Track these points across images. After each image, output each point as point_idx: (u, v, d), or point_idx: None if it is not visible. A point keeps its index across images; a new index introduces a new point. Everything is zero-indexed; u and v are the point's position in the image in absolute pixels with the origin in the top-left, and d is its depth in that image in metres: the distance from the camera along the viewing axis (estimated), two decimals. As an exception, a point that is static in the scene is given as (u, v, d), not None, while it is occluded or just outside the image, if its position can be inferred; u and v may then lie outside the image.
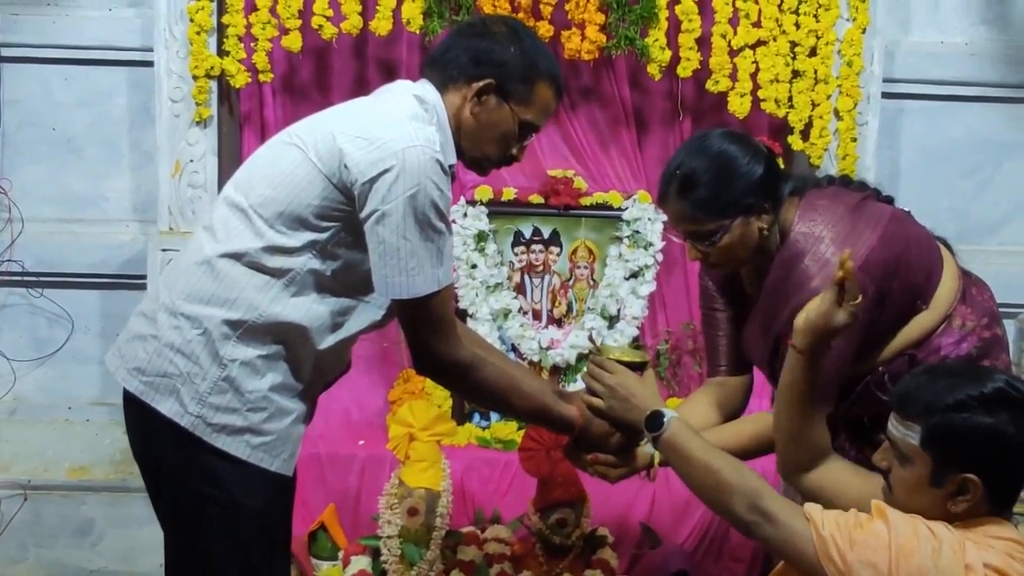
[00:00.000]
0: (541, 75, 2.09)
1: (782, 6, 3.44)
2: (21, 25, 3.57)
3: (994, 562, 1.68)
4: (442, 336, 2.01)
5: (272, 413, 2.00)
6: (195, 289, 1.98)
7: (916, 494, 1.77)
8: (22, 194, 3.62)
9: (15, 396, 3.65)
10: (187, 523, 2.07)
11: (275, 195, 1.96)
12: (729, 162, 2.21)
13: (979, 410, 1.73)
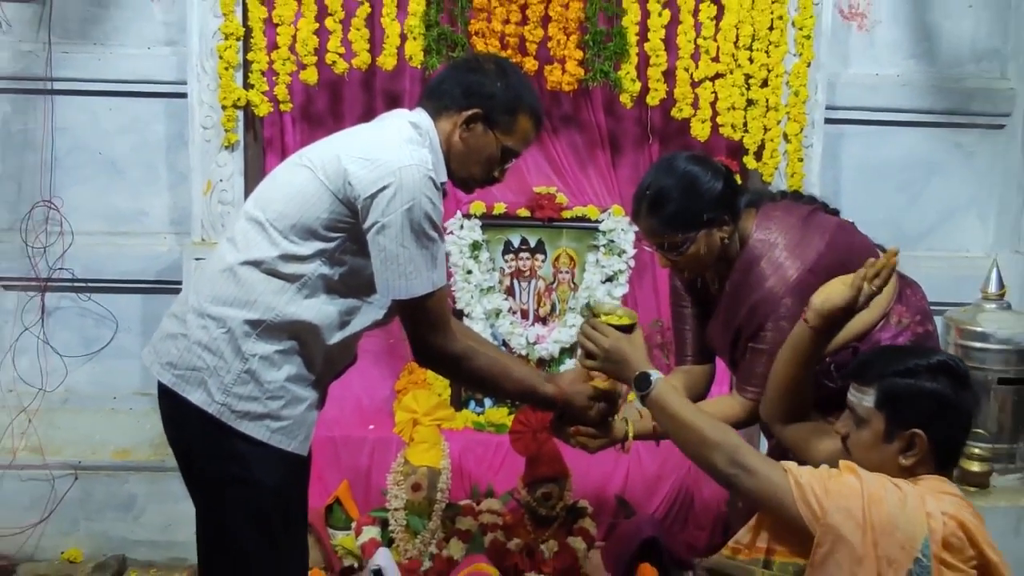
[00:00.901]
0: (523, 108, 2.09)
1: (737, 43, 3.45)
2: (70, 61, 3.56)
3: (949, 510, 1.70)
4: (438, 331, 2.01)
5: (288, 401, 2.00)
6: (220, 293, 1.99)
7: (872, 451, 1.79)
8: (71, 210, 3.61)
9: (66, 388, 3.64)
10: (215, 499, 2.08)
11: (288, 210, 1.97)
12: (693, 181, 2.22)
13: (925, 376, 1.77)
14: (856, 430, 1.82)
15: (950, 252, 3.75)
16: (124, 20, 3.61)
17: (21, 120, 3.60)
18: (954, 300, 3.33)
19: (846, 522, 1.65)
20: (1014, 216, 3.72)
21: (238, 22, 3.39)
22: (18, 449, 3.43)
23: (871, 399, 1.78)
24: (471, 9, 3.43)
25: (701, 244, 2.22)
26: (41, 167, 3.59)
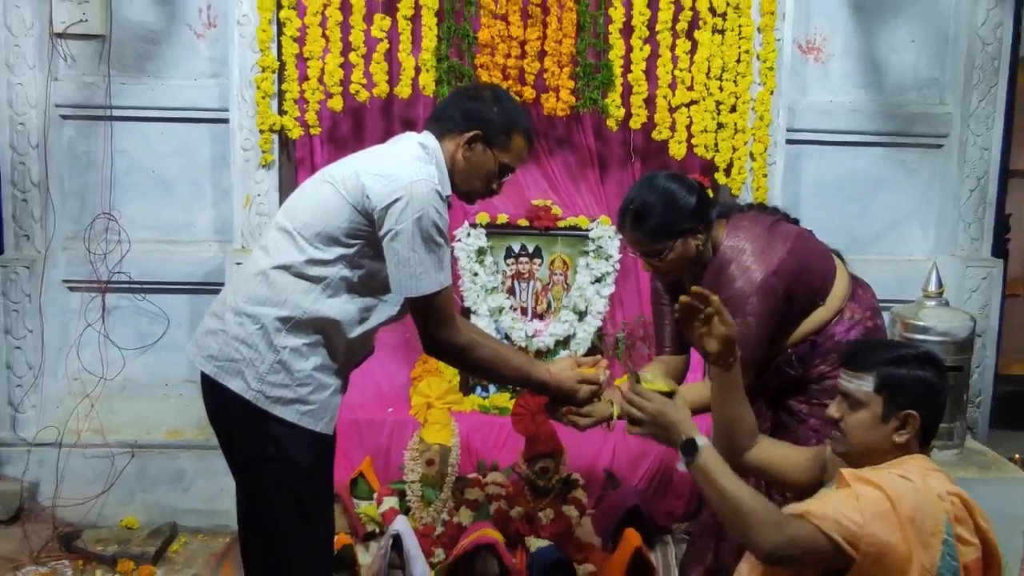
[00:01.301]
0: (517, 129, 2.10)
1: (709, 74, 3.45)
2: (128, 92, 3.56)
3: (951, 488, 1.71)
4: (445, 325, 2.01)
5: (315, 387, 2.00)
6: (254, 294, 1.99)
7: (870, 431, 1.78)
8: (129, 222, 3.62)
9: (124, 376, 3.64)
10: (253, 474, 2.08)
11: (313, 220, 1.98)
12: (671, 197, 2.23)
13: (915, 364, 1.78)
14: (852, 412, 1.80)
15: (896, 256, 3.75)
16: (174, 56, 3.61)
17: (84, 143, 3.60)
18: (899, 298, 3.35)
19: (884, 527, 1.60)
20: (951, 225, 3.71)
21: (273, 57, 3.39)
22: (82, 430, 3.44)
23: (870, 384, 1.77)
24: (477, 45, 3.44)
25: (679, 251, 2.23)
26: (102, 184, 3.59)
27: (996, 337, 3.69)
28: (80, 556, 3.15)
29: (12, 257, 3.50)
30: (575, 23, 3.43)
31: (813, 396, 2.29)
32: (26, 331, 3.47)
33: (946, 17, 3.65)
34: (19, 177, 3.49)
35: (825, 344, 2.27)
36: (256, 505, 2.10)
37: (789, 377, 2.29)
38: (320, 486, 2.13)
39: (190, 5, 3.56)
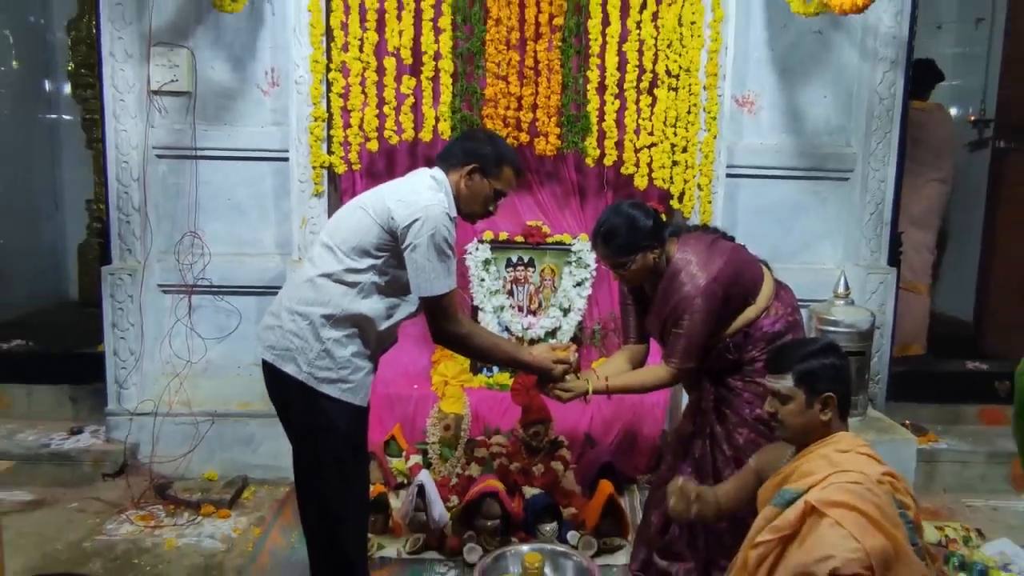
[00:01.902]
0: (507, 162, 2.12)
1: (666, 123, 3.46)
2: (209, 137, 3.58)
3: (882, 470, 1.70)
4: (450, 320, 2.03)
5: (353, 369, 2.02)
6: (303, 296, 2.01)
7: (800, 416, 1.79)
8: (209, 238, 3.63)
9: (206, 360, 3.65)
10: (306, 440, 2.10)
11: (349, 237, 2.00)
12: (632, 221, 2.26)
13: (821, 355, 1.80)
14: (783, 406, 1.81)
15: (812, 266, 3.74)
16: (245, 108, 3.62)
17: (174, 177, 3.61)
18: (815, 298, 3.36)
19: (873, 536, 1.56)
20: (855, 241, 3.71)
21: (323, 109, 3.41)
22: (172, 403, 3.44)
23: (791, 381, 1.78)
24: (483, 100, 3.46)
25: (640, 263, 2.25)
26: (188, 209, 3.60)
27: (891, 329, 3.70)
28: (171, 502, 3.17)
29: (118, 267, 3.50)
30: (560, 83, 3.45)
31: (746, 375, 2.30)
32: (129, 325, 3.48)
33: (851, 78, 3.66)
34: (123, 204, 3.51)
35: (755, 334, 2.29)
36: (309, 464, 2.11)
37: (728, 360, 2.31)
38: (357, 448, 2.15)
39: (258, 69, 3.58)
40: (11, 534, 2.82)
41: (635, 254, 2.23)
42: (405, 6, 3.36)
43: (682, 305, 2.20)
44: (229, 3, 3.18)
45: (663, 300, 2.27)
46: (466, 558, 2.72)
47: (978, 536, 2.94)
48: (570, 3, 3.39)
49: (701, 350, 2.24)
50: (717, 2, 3.36)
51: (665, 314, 2.26)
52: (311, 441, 2.08)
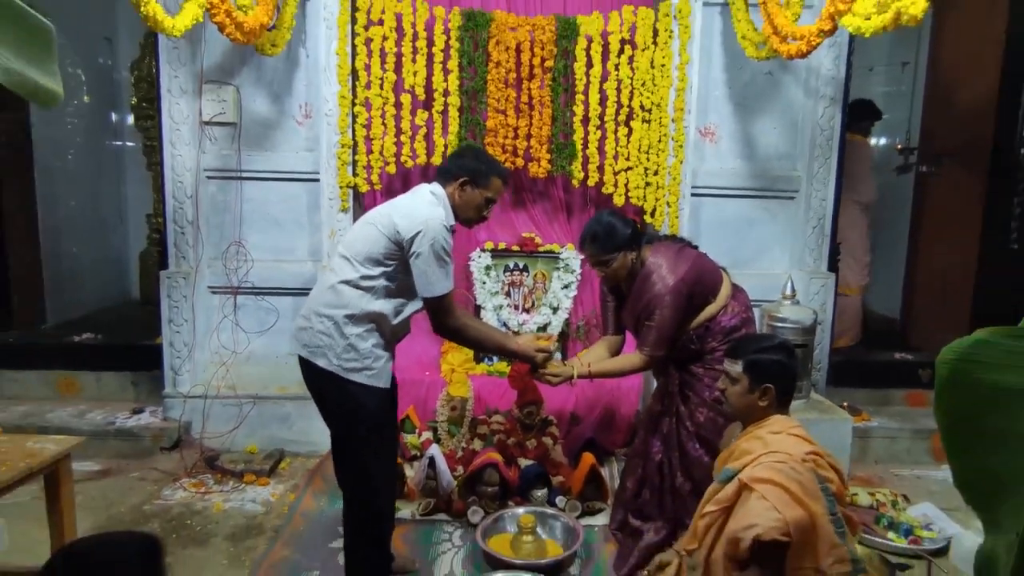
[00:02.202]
0: (494, 173, 2.12)
1: (640, 150, 3.47)
2: (252, 161, 3.57)
3: (807, 448, 1.67)
4: (448, 315, 2.04)
5: (375, 359, 2.03)
6: (328, 301, 2.02)
7: (742, 398, 1.79)
8: (252, 247, 3.62)
9: (249, 351, 3.63)
10: (341, 422, 2.11)
11: (363, 249, 2.01)
12: (612, 228, 2.26)
13: (772, 351, 1.79)
14: (731, 386, 1.81)
15: (764, 271, 3.74)
16: (283, 136, 3.62)
17: (222, 195, 3.61)
18: (766, 299, 3.35)
19: (793, 508, 1.56)
20: (800, 250, 3.72)
21: (349, 137, 3.41)
22: (220, 387, 3.44)
23: (740, 367, 1.79)
24: (485, 130, 3.46)
25: (619, 262, 2.26)
26: (234, 222, 3.60)
27: (830, 325, 3.72)
28: (219, 471, 3.17)
29: (174, 271, 3.50)
30: (551, 116, 3.46)
31: (707, 363, 2.32)
32: (183, 321, 3.48)
33: (796, 112, 3.67)
34: (179, 218, 3.51)
35: (715, 328, 2.30)
36: (346, 441, 2.11)
37: (691, 350, 2.32)
38: (383, 425, 2.14)
39: (293, 103, 3.58)
40: (82, 499, 2.81)
41: (615, 253, 2.25)
42: (419, 50, 3.37)
43: (654, 302, 2.21)
44: (270, 48, 3.18)
45: (637, 297, 2.28)
46: (470, 519, 2.72)
47: (904, 500, 2.95)
48: (559, 48, 3.40)
49: (670, 340, 2.25)
50: (683, 48, 3.37)
51: (639, 309, 2.27)
52: (346, 422, 2.08)
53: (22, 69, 0.86)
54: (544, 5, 3.56)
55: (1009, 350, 0.91)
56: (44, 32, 0.92)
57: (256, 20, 2.73)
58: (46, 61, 0.91)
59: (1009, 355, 0.91)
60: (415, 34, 3.36)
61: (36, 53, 0.90)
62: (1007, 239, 3.79)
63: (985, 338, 0.93)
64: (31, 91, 0.88)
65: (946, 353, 0.94)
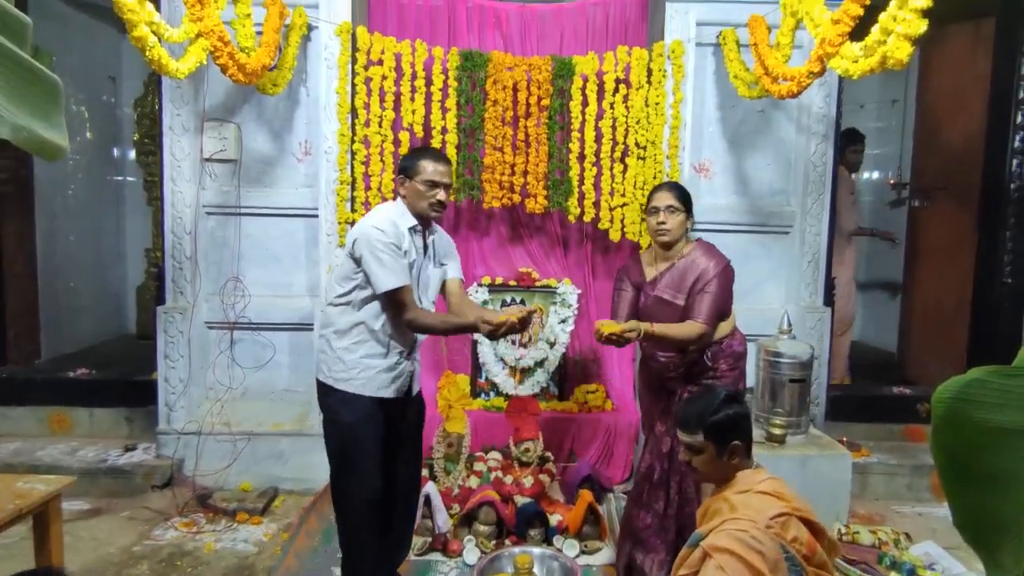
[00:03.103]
0: (419, 157, 2.20)
1: (635, 186, 3.51)
2: (251, 197, 3.60)
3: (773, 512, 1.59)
4: (400, 308, 2.11)
5: (363, 368, 2.15)
6: (321, 323, 2.26)
7: (711, 464, 1.73)
8: (250, 282, 3.62)
9: (244, 387, 3.62)
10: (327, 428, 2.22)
11: (338, 271, 2.20)
12: (687, 193, 2.40)
13: (724, 407, 1.73)
14: (697, 456, 1.74)
15: (760, 306, 3.75)
16: (282, 173, 3.65)
17: (222, 231, 3.62)
18: (763, 333, 3.33)
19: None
20: (796, 285, 3.73)
21: (348, 174, 3.44)
22: (214, 423, 3.41)
23: (700, 437, 1.72)
24: (483, 166, 3.50)
25: (682, 220, 2.36)
26: (232, 258, 3.61)
27: (827, 359, 3.71)
28: (211, 510, 3.12)
29: (171, 306, 3.50)
30: (547, 153, 3.50)
31: (710, 378, 2.37)
32: (179, 356, 3.46)
33: (789, 149, 3.72)
34: (177, 253, 3.52)
35: (726, 349, 2.37)
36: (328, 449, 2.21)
37: (704, 365, 2.36)
38: (363, 439, 2.15)
39: (293, 141, 3.62)
40: (71, 539, 2.76)
41: (686, 209, 2.36)
42: (418, 89, 3.43)
43: (706, 276, 2.32)
44: (271, 87, 3.23)
45: (683, 273, 2.34)
46: (466, 559, 2.67)
47: (906, 539, 2.90)
48: (555, 87, 3.46)
49: (718, 317, 2.31)
50: (677, 87, 3.44)
51: (690, 282, 2.33)
52: (326, 432, 2.19)
53: (29, 124, 0.87)
54: (540, 46, 3.64)
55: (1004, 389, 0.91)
56: (52, 86, 0.93)
57: (258, 61, 2.79)
58: (53, 115, 0.92)
59: (1004, 394, 0.91)
60: (414, 73, 3.43)
61: (43, 108, 0.90)
62: (1000, 272, 3.81)
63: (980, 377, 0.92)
64: (37, 147, 0.89)
65: (941, 392, 0.94)
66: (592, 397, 3.59)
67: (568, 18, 3.66)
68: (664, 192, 2.38)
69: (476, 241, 3.75)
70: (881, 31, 1.88)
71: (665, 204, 2.35)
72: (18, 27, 0.91)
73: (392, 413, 2.22)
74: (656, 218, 2.35)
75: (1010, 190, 3.77)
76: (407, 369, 2.23)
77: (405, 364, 2.21)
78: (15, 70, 0.87)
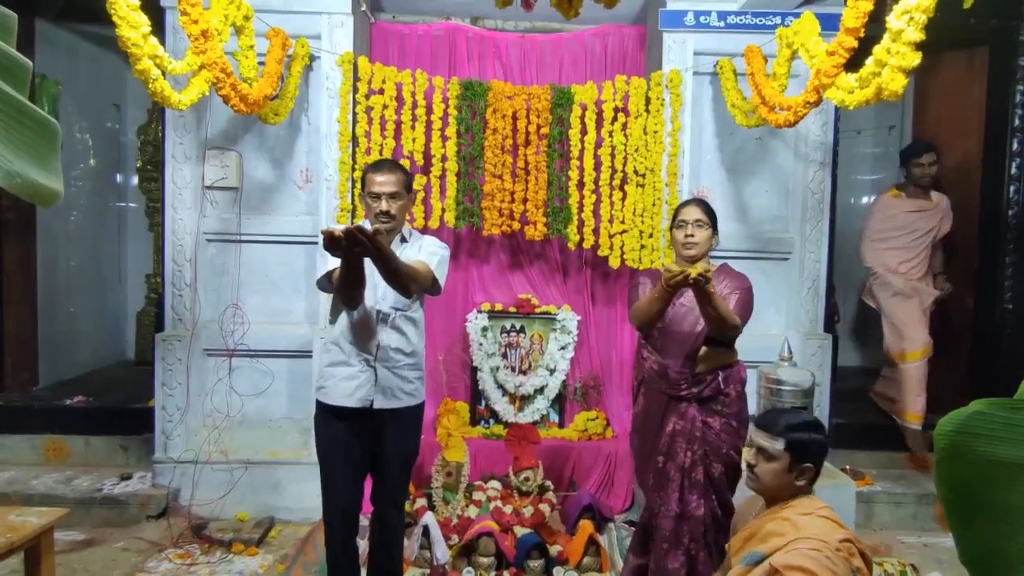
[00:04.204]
0: (367, 171, 2.25)
1: (634, 213, 3.52)
2: (251, 224, 3.61)
3: (840, 536, 1.60)
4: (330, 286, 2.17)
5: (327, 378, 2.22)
6: None
7: (778, 477, 1.71)
8: (249, 309, 3.62)
9: (242, 414, 3.59)
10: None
11: None
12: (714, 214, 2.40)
13: (812, 430, 1.73)
14: (765, 463, 1.72)
15: (760, 332, 3.70)
16: (282, 200, 3.67)
17: (221, 258, 3.63)
18: (763, 360, 3.30)
19: None
20: (796, 311, 3.73)
21: (348, 202, 3.45)
22: (211, 452, 3.38)
23: (781, 444, 1.70)
24: (482, 194, 3.52)
25: (708, 236, 2.38)
26: (232, 285, 3.60)
27: (828, 386, 3.68)
28: (206, 541, 3.08)
29: (170, 334, 3.49)
30: (546, 180, 3.52)
31: (721, 402, 2.35)
32: (177, 384, 3.44)
33: (787, 176, 3.74)
34: (177, 280, 3.52)
35: (735, 376, 2.38)
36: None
37: (718, 387, 2.33)
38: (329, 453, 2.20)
39: (294, 168, 3.64)
40: (63, 571, 2.72)
41: (712, 226, 2.38)
42: (418, 118, 3.47)
43: (731, 285, 2.37)
44: (272, 116, 3.27)
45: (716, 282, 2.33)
46: (465, 592, 2.63)
47: (913, 571, 2.86)
48: (554, 116, 3.50)
49: (744, 322, 2.32)
50: (675, 115, 3.47)
51: (720, 292, 2.32)
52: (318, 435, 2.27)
53: (24, 171, 0.85)
54: (540, 75, 3.69)
55: (1007, 422, 0.90)
56: (49, 131, 0.91)
57: (260, 92, 2.82)
58: (49, 160, 0.90)
59: (1007, 427, 0.90)
60: (414, 102, 3.47)
61: (39, 152, 0.88)
62: (1001, 299, 3.81)
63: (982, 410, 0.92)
64: (31, 192, 0.87)
65: (944, 425, 0.93)
66: (592, 425, 3.57)
67: (567, 48, 3.71)
68: (692, 207, 2.40)
69: (476, 268, 3.76)
70: (875, 63, 1.90)
71: (693, 218, 2.36)
72: (19, 71, 0.91)
73: (365, 435, 2.19)
74: (683, 231, 2.36)
75: (1008, 216, 3.79)
76: (369, 379, 2.16)
77: (368, 373, 2.15)
78: (13, 115, 0.86)
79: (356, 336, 2.15)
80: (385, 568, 2.35)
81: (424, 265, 2.15)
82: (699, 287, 2.07)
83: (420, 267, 2.13)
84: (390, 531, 2.34)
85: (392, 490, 2.31)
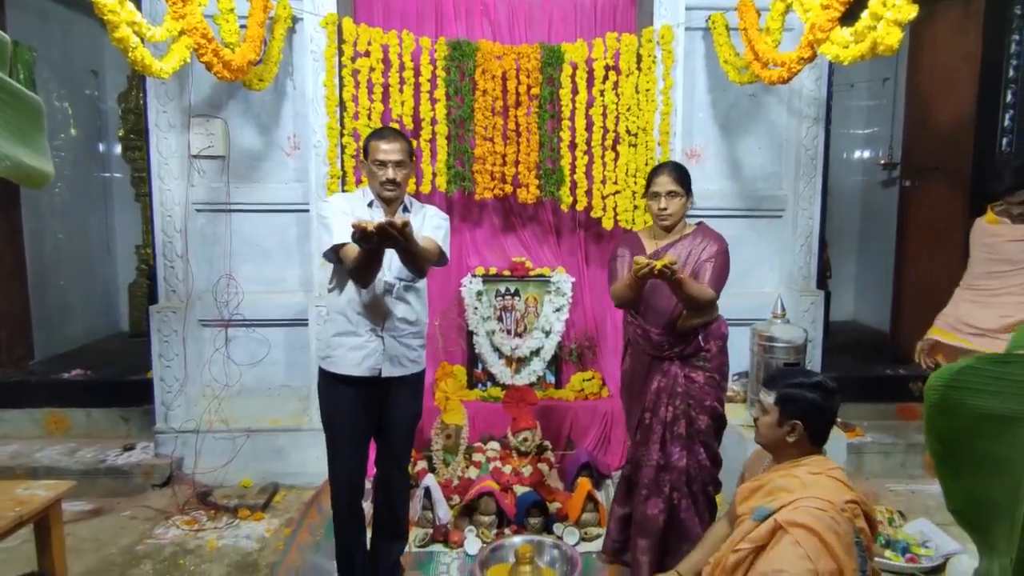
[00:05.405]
0: (371, 138, 2.23)
1: (627, 173, 3.50)
2: (240, 193, 3.58)
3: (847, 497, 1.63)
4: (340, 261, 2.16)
5: (335, 346, 2.22)
6: None
7: (770, 430, 1.78)
8: (242, 279, 3.62)
9: (241, 384, 3.63)
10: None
11: None
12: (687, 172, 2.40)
13: (807, 388, 1.76)
14: (762, 415, 1.80)
15: (753, 290, 3.78)
16: (271, 168, 3.63)
17: (212, 228, 3.61)
18: (756, 317, 3.36)
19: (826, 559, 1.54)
20: (789, 268, 3.76)
21: (338, 168, 3.41)
22: (212, 421, 3.42)
23: (772, 398, 1.77)
24: (473, 157, 3.48)
25: (683, 202, 2.39)
26: (223, 255, 3.60)
27: (821, 342, 3.73)
28: (211, 507, 3.14)
29: (164, 305, 3.49)
30: (538, 142, 3.49)
31: (703, 359, 2.38)
32: (174, 355, 3.45)
33: (780, 133, 3.73)
34: (168, 252, 3.50)
35: (715, 331, 2.39)
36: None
37: (698, 345, 2.37)
38: (335, 420, 2.23)
39: (282, 135, 3.60)
40: (72, 540, 2.77)
41: (687, 192, 2.38)
42: (406, 81, 3.41)
43: (709, 251, 2.35)
44: (257, 82, 3.20)
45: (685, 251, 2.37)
46: (467, 550, 2.70)
47: (900, 517, 2.96)
48: (544, 76, 3.45)
49: (720, 289, 2.33)
50: (667, 73, 3.43)
51: (692, 259, 2.36)
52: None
53: (12, 153, 0.82)
54: (529, 33, 3.62)
55: (996, 376, 0.93)
56: (33, 109, 0.88)
57: (243, 57, 2.76)
58: (36, 140, 0.87)
59: (996, 381, 0.93)
60: (402, 65, 3.40)
61: (25, 133, 0.85)
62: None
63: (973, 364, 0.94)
64: (22, 175, 0.84)
65: (934, 380, 0.96)
66: (588, 384, 3.62)
67: (556, 4, 3.63)
68: (664, 176, 2.38)
69: (469, 232, 3.75)
70: (871, 16, 1.88)
71: (666, 190, 2.36)
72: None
73: (371, 402, 2.23)
74: (657, 203, 2.37)
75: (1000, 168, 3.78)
76: (377, 348, 2.18)
77: (376, 343, 2.18)
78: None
79: (364, 307, 2.17)
80: (391, 529, 2.41)
81: (432, 242, 2.18)
82: (666, 278, 2.12)
83: (430, 245, 2.17)
84: (395, 494, 2.39)
85: (396, 454, 2.36)
